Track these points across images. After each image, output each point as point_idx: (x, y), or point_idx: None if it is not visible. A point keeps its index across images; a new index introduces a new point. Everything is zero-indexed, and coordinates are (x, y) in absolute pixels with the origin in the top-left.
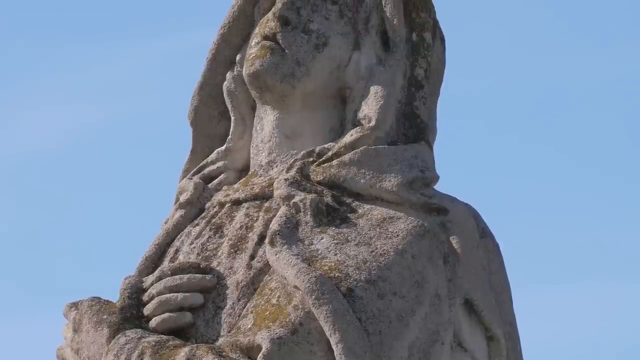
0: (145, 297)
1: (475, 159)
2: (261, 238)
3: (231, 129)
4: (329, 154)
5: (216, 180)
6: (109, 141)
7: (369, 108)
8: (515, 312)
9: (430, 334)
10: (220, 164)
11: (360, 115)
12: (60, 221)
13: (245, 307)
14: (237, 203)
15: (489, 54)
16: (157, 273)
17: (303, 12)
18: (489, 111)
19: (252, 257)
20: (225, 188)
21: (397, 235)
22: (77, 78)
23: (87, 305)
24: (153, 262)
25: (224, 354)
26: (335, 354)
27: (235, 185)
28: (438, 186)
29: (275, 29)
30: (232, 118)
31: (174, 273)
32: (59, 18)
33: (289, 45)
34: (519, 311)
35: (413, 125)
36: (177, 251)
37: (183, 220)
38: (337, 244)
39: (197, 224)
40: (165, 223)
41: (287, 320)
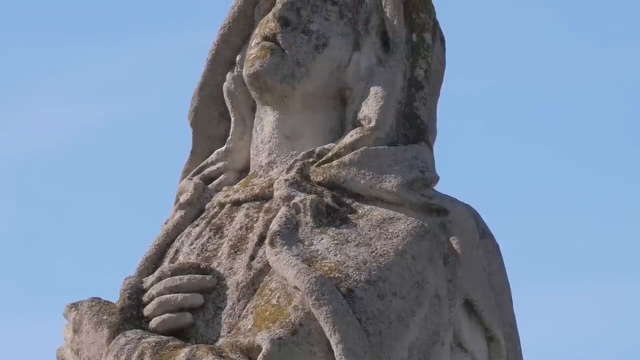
0: (145, 298)
1: (475, 159)
2: (261, 239)
3: (231, 130)
4: (329, 154)
5: (216, 180)
6: (109, 141)
7: (369, 109)
8: (515, 313)
9: (430, 335)
10: (220, 164)
11: (360, 116)
12: (60, 221)
13: (245, 308)
14: (237, 204)
15: (489, 54)
16: (157, 274)
17: (303, 13)
18: (489, 111)
19: (252, 258)
20: (225, 189)
21: (397, 235)
22: (77, 78)
23: (87, 306)
24: (153, 263)
25: (224, 354)
26: (335, 354)
27: (235, 186)
28: (438, 186)
29: (275, 29)
30: (232, 119)
31: (174, 274)
32: (59, 18)
33: (289, 46)
34: (519, 312)
35: (413, 126)
36: (177, 252)
37: (183, 220)
38: (337, 244)
39: (197, 225)
40: (165, 224)
41: (287, 320)
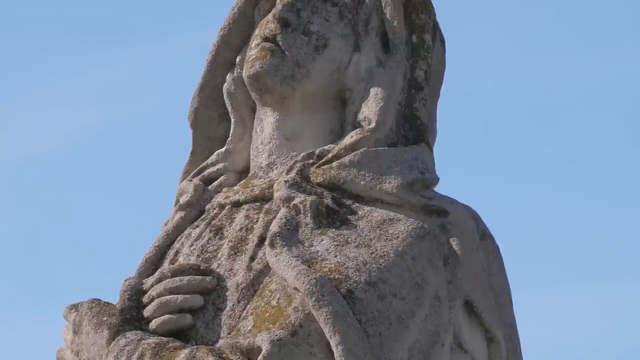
0: (145, 299)
1: (475, 160)
2: (261, 240)
3: (231, 131)
4: (329, 155)
5: (216, 182)
6: (109, 142)
7: (369, 110)
8: (516, 314)
9: (430, 336)
10: (220, 165)
11: (360, 117)
12: (60, 222)
13: (245, 309)
14: (237, 205)
15: (488, 55)
16: (157, 275)
17: (303, 14)
18: (488, 112)
19: (252, 259)
20: (225, 190)
21: (397, 237)
22: (77, 79)
23: (87, 307)
24: (153, 264)
25: (224, 355)
26: (335, 355)
27: (235, 187)
28: (438, 187)
29: (275, 30)
30: (232, 120)
31: (174, 275)
32: (59, 19)
33: (289, 47)
34: (519, 313)
35: (413, 127)
36: (177, 253)
37: (183, 222)
38: (337, 245)
39: (197, 226)
40: (165, 225)
41: (287, 322)
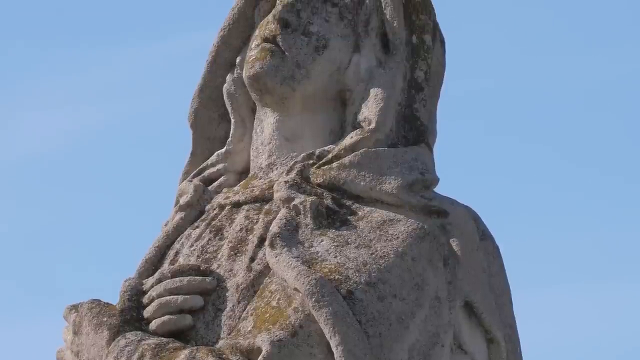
0: (145, 300)
1: (475, 160)
2: (261, 240)
3: (231, 132)
4: (329, 156)
5: (216, 182)
6: (108, 143)
7: (369, 110)
8: (516, 314)
9: (430, 337)
10: (220, 166)
11: (360, 117)
12: (60, 222)
13: (245, 310)
14: (237, 205)
15: (488, 55)
16: (157, 275)
17: (303, 15)
18: (488, 112)
19: (252, 260)
20: (225, 190)
21: (397, 237)
22: (77, 79)
23: (87, 308)
24: (153, 265)
25: (224, 356)
26: (335, 356)
27: (235, 188)
28: (438, 188)
29: (275, 31)
30: (232, 120)
31: (174, 275)
32: (59, 19)
33: (289, 47)
34: (519, 313)
35: (413, 128)
36: (177, 253)
37: (183, 222)
38: (337, 246)
39: (197, 227)
40: (165, 225)
41: (287, 322)
